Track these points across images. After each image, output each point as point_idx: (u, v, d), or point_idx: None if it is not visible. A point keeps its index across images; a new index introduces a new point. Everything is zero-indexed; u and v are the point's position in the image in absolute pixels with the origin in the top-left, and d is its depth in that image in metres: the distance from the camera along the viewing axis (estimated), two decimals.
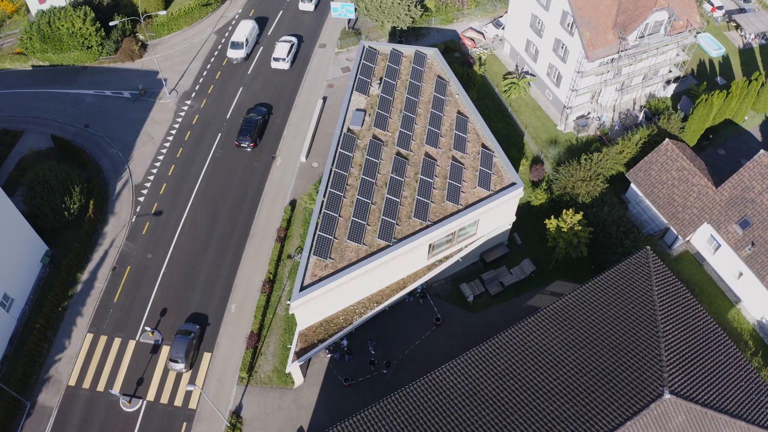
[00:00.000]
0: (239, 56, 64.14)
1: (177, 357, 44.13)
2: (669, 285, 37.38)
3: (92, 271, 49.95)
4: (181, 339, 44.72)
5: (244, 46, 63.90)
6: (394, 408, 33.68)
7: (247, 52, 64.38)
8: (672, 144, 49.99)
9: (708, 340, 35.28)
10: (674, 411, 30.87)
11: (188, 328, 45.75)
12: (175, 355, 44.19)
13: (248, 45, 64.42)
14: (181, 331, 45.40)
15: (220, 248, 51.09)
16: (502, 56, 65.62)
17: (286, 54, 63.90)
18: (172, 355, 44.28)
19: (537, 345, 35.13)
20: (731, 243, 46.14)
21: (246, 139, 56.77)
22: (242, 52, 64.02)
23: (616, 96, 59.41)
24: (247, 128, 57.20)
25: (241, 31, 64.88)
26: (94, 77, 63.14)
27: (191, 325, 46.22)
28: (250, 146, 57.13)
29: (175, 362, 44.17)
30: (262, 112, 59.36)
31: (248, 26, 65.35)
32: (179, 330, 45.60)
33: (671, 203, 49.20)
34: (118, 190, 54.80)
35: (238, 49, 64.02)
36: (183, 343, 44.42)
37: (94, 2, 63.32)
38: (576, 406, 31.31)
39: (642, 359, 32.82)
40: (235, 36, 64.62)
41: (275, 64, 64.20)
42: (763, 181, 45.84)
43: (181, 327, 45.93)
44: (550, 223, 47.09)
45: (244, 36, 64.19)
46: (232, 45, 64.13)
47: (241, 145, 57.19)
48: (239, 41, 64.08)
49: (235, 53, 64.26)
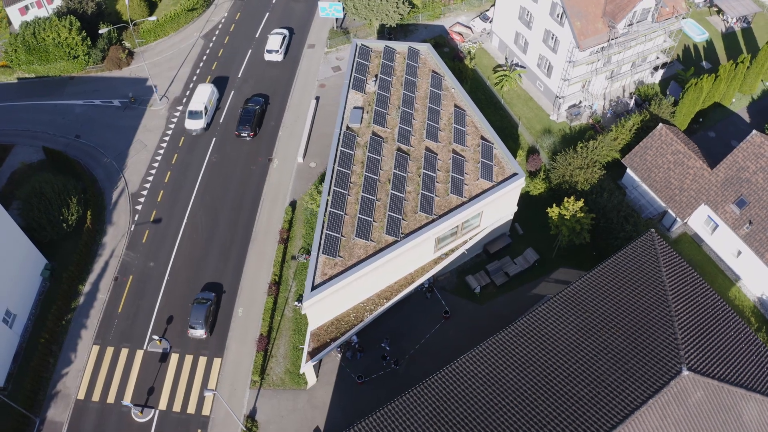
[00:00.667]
0: (198, 126, 57.11)
1: (196, 323, 45.45)
2: (676, 265, 38.02)
3: (94, 283, 49.32)
4: (199, 306, 46.03)
5: (203, 114, 57.04)
6: (416, 401, 33.79)
7: (207, 121, 57.54)
8: (666, 128, 50.81)
9: (718, 317, 35.94)
10: (693, 387, 31.43)
11: (204, 296, 47.03)
12: (195, 322, 45.49)
13: (208, 113, 57.54)
14: (198, 299, 46.61)
15: (223, 253, 50.77)
16: (490, 49, 66.10)
17: (279, 46, 64.31)
18: (191, 322, 45.61)
19: (552, 331, 35.49)
20: (729, 222, 47.04)
21: (246, 129, 57.34)
22: (201, 122, 56.99)
23: (606, 84, 60.21)
24: (246, 117, 57.76)
25: (199, 97, 57.84)
26: (81, 87, 62.30)
27: (207, 293, 47.38)
28: (250, 135, 57.64)
29: (194, 329, 45.52)
30: (260, 102, 59.85)
31: (206, 91, 58.37)
32: (196, 299, 46.77)
33: (668, 186, 50.00)
34: (114, 200, 54.16)
35: (196, 119, 57.02)
36: (201, 310, 45.69)
37: (79, 11, 62.47)
38: (597, 388, 31.72)
39: (657, 339, 33.34)
40: (192, 103, 57.50)
41: (268, 56, 64.43)
42: (756, 160, 46.80)
43: (198, 296, 47.13)
44: (552, 211, 47.55)
45: (202, 103, 57.17)
46: (189, 114, 57.17)
47: (241, 135, 57.68)
48: (197, 110, 57.07)
49: (193, 123, 57.13)
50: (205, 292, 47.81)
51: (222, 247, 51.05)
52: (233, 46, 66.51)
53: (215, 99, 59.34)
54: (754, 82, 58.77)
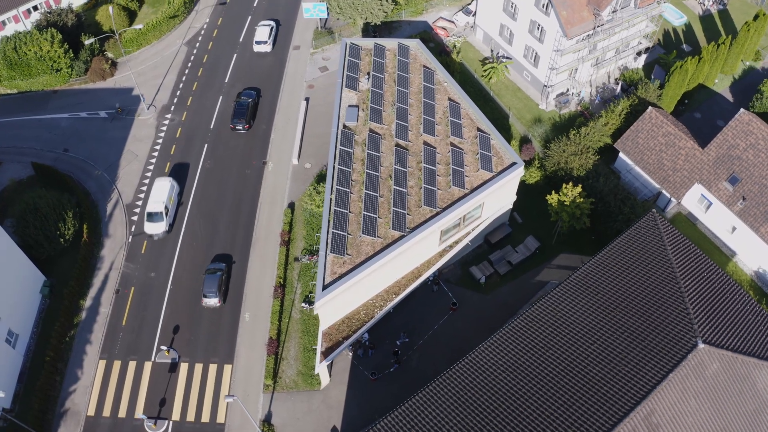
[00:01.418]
0: (160, 230, 50.42)
1: (209, 292, 46.56)
2: (680, 243, 38.82)
3: (95, 297, 48.59)
4: (211, 276, 47.14)
5: (164, 216, 50.04)
6: (439, 392, 33.96)
7: (170, 221, 50.82)
8: (655, 111, 51.80)
9: (724, 291, 36.79)
10: (709, 359, 32.15)
11: (215, 266, 48.19)
12: (208, 291, 46.60)
13: (169, 213, 50.78)
14: (210, 270, 47.81)
15: (225, 259, 50.34)
16: (475, 42, 66.61)
17: (267, 37, 65.13)
18: (205, 291, 46.68)
19: (566, 315, 35.97)
20: (723, 200, 48.14)
21: (240, 122, 57.77)
22: (163, 224, 50.13)
23: (591, 71, 61.11)
24: (240, 111, 58.21)
25: (158, 195, 50.66)
26: (66, 100, 61.25)
27: (217, 263, 48.60)
28: (245, 128, 57.98)
29: (208, 297, 46.60)
30: (252, 95, 60.29)
31: (165, 187, 51.18)
32: (207, 269, 47.99)
33: (661, 168, 50.99)
34: (109, 212, 53.38)
35: (156, 222, 50.21)
36: (214, 280, 46.89)
37: (59, 24, 61.38)
38: (617, 367, 32.26)
39: (670, 315, 34.03)
40: (150, 204, 50.31)
41: (257, 48, 65.23)
42: (746, 138, 47.98)
43: (209, 266, 48.40)
44: (551, 198, 48.14)
45: (161, 202, 50.06)
46: (148, 217, 50.18)
47: (236, 128, 58.04)
48: (156, 211, 50.05)
49: (153, 227, 50.38)
50: (216, 262, 48.84)
51: (223, 254, 50.61)
52: (218, 51, 66.01)
53: (176, 194, 52.26)
54: (735, 63, 60.20)
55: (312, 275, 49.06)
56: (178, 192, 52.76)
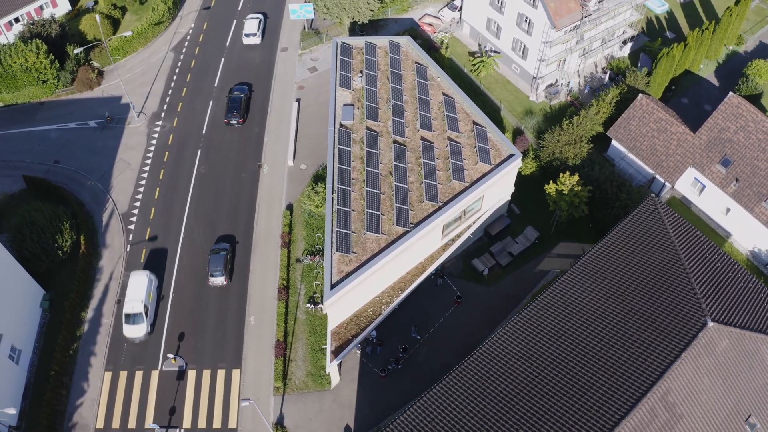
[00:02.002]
0: (140, 334, 45.43)
1: (216, 271, 47.58)
2: (680, 225, 39.48)
3: (96, 308, 48.02)
4: (216, 256, 48.15)
5: (144, 317, 45.06)
6: (456, 384, 34.15)
7: (150, 321, 45.97)
8: (646, 98, 52.58)
9: (726, 270, 37.48)
10: (718, 337, 32.76)
11: (219, 246, 49.11)
12: (214, 270, 47.62)
13: (149, 314, 45.78)
14: (215, 250, 48.71)
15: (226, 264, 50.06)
16: (462, 37, 67.00)
17: (256, 29, 65.88)
18: (211, 270, 47.68)
19: (576, 302, 36.39)
20: (716, 182, 49.03)
21: (234, 116, 58.23)
22: (143, 326, 45.22)
23: (579, 61, 61.84)
24: (234, 105, 58.66)
25: (135, 293, 45.51)
26: (54, 111, 60.39)
27: (221, 244, 49.63)
28: (239, 122, 58.47)
29: (215, 276, 47.61)
30: (245, 90, 60.72)
31: (142, 284, 45.95)
32: (212, 249, 48.89)
33: (654, 153, 51.77)
34: (105, 222, 52.79)
35: (136, 324, 45.18)
36: (219, 259, 47.90)
37: (43, 35, 60.46)
38: (630, 349, 32.73)
39: (677, 296, 34.60)
40: (127, 305, 45.15)
41: (247, 40, 65.83)
42: (736, 120, 48.92)
43: (213, 247, 49.24)
44: (549, 188, 48.62)
45: (140, 301, 45.07)
46: (126, 319, 45.23)
47: (231, 122, 58.49)
48: (135, 312, 45.04)
49: (133, 330, 45.26)
50: (220, 243, 49.75)
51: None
52: (205, 55, 65.56)
53: (155, 289, 47.20)
54: (718, 48, 61.33)
55: (315, 276, 49.01)
56: (157, 285, 47.44)
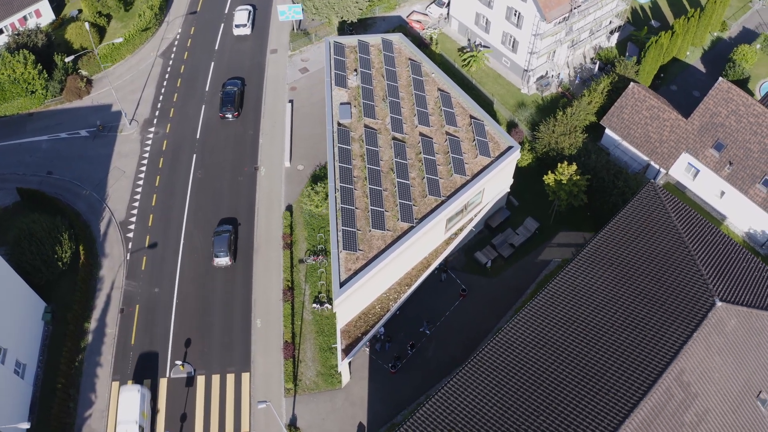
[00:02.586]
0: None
1: (220, 252, 48.79)
2: (682, 209, 40.14)
3: (99, 318, 47.55)
4: (220, 237, 49.34)
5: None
6: (472, 375, 34.38)
7: None
8: (637, 86, 53.29)
9: (728, 250, 38.20)
10: (727, 316, 33.38)
11: (222, 228, 50.36)
12: (219, 251, 48.82)
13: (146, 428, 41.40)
14: (218, 232, 49.93)
15: (228, 267, 49.82)
16: (451, 33, 67.28)
17: (246, 20, 66.75)
18: (216, 251, 48.87)
19: (584, 289, 36.82)
20: (710, 166, 49.86)
21: (229, 110, 58.77)
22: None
23: (568, 53, 62.46)
24: (228, 99, 59.19)
25: (128, 413, 40.98)
26: (44, 122, 59.60)
27: (224, 225, 50.77)
28: (234, 115, 58.98)
29: (219, 257, 48.81)
30: (238, 84, 61.19)
31: (134, 400, 41.37)
32: (216, 231, 50.07)
33: (648, 141, 52.49)
34: (103, 231, 52.24)
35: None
36: (223, 240, 49.15)
37: (29, 45, 59.61)
38: (642, 332, 33.21)
39: (684, 278, 35.19)
40: (120, 426, 40.69)
41: (237, 31, 66.69)
42: (727, 105, 49.78)
43: (217, 229, 50.35)
44: (548, 178, 49.07)
45: (134, 423, 40.44)
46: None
47: (226, 116, 59.04)
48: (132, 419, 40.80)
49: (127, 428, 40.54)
50: (222, 225, 50.80)
51: (227, 265, 50.09)
52: (194, 60, 65.09)
53: (148, 404, 42.65)
54: (703, 35, 62.35)
55: (319, 275, 48.97)
56: (150, 399, 43.02)
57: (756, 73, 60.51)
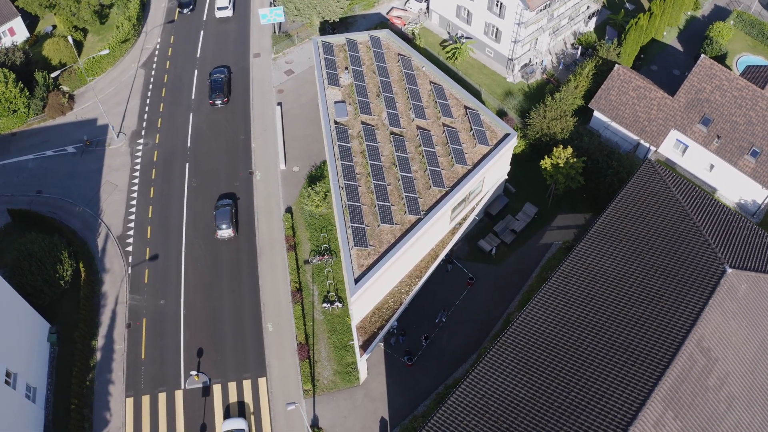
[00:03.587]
0: None
1: (223, 224, 50.48)
2: (682, 183, 41.24)
3: (106, 335, 46.76)
4: (222, 210, 51.05)
5: None
6: (499, 359, 34.82)
7: None
8: (622, 68, 54.50)
9: (729, 219, 39.38)
10: (738, 281, 34.46)
11: (223, 202, 51.99)
12: (221, 223, 50.51)
13: None
14: (218, 206, 51.66)
15: (233, 273, 49.50)
16: (432, 27, 67.81)
17: (228, 2, 68.71)
18: (218, 224, 50.54)
19: (597, 266, 37.57)
20: (699, 141, 51.26)
21: (219, 96, 59.98)
22: None
23: (549, 40, 63.50)
24: (217, 86, 60.37)
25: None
26: (28, 141, 58.29)
27: (223, 200, 52.37)
28: (224, 101, 60.12)
29: (222, 229, 50.45)
30: (224, 72, 62.38)
31: None
32: (216, 206, 51.72)
33: (637, 120, 53.72)
34: (101, 247, 51.36)
35: None
36: (225, 213, 50.88)
37: (7, 63, 58.21)
38: (659, 304, 34.06)
39: (693, 249, 36.19)
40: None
41: (219, 13, 68.61)
42: (711, 81, 51.24)
43: (217, 203, 52.00)
44: (544, 162, 49.86)
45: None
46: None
47: (216, 103, 60.13)
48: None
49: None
50: (222, 200, 52.43)
51: (231, 268, 49.73)
52: (177, 69, 64.31)
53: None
54: (678, 14, 64.03)
55: (326, 275, 48.93)
56: None
57: (732, 48, 62.46)
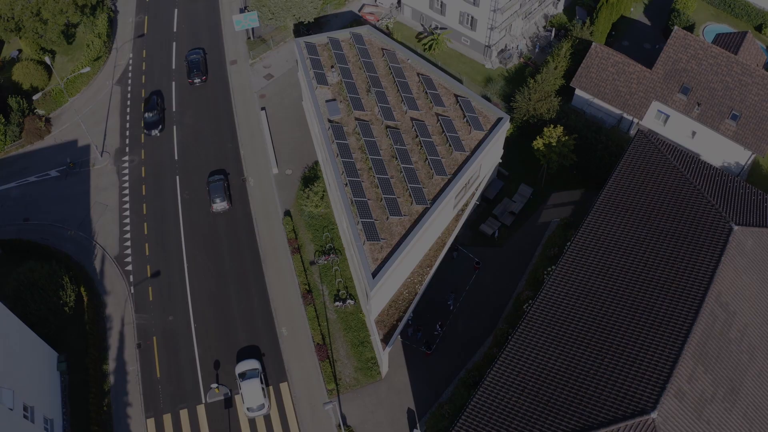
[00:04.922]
0: None
1: (217, 198, 52.21)
2: (675, 151, 42.66)
3: (117, 358, 45.79)
4: (215, 184, 52.85)
5: None
6: (529, 334, 35.46)
7: None
8: (599, 46, 55.93)
9: (723, 179, 40.94)
10: (744, 238, 35.93)
11: (214, 178, 53.42)
12: (215, 197, 52.22)
13: None
14: (210, 181, 53.24)
15: (240, 282, 49.04)
16: (405, 21, 68.23)
17: None
18: (213, 197, 52.19)
19: (608, 237, 38.59)
20: (680, 109, 53.01)
21: (197, 75, 61.71)
22: None
23: (521, 24, 64.66)
24: (194, 65, 62.00)
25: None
26: (8, 169, 56.47)
27: (215, 175, 53.85)
28: (203, 79, 61.86)
29: (216, 202, 52.07)
30: (200, 52, 63.84)
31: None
32: (208, 181, 53.34)
33: (618, 95, 55.21)
34: (99, 269, 50.20)
35: None
36: (218, 187, 52.71)
37: None
38: (672, 266, 35.23)
39: (698, 210, 37.54)
40: None
41: None
42: (686, 50, 53.04)
43: (209, 179, 53.58)
44: (537, 143, 50.83)
45: None
46: None
47: (194, 81, 61.69)
48: None
49: None
50: (213, 176, 53.83)
51: (237, 277, 49.26)
52: (153, 83, 63.08)
53: None
54: None
55: (334, 274, 48.89)
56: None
57: (697, 18, 64.74)
